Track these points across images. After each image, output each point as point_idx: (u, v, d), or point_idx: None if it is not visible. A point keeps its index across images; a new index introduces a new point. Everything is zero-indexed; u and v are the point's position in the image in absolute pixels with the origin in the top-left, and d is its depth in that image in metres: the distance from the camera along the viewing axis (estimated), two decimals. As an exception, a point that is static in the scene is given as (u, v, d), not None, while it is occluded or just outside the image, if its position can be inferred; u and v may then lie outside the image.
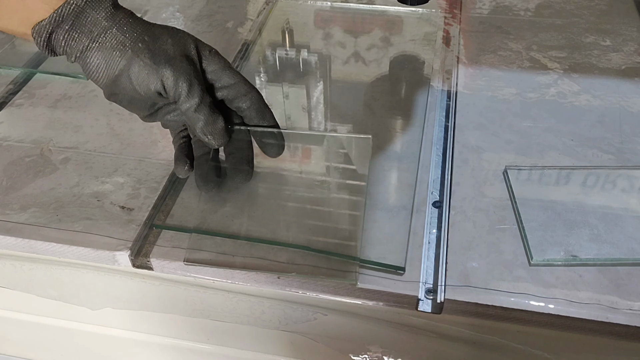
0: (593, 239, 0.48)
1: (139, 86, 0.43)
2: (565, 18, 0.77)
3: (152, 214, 0.52)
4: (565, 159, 0.56)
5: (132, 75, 0.43)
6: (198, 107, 0.44)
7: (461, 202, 0.52)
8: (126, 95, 0.45)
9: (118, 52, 0.43)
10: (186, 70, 0.43)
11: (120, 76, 0.43)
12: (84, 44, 0.42)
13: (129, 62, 0.43)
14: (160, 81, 0.43)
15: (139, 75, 0.43)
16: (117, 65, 0.43)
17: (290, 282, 0.47)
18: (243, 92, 0.47)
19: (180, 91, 0.43)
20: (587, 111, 0.61)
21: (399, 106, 0.64)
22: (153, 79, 0.43)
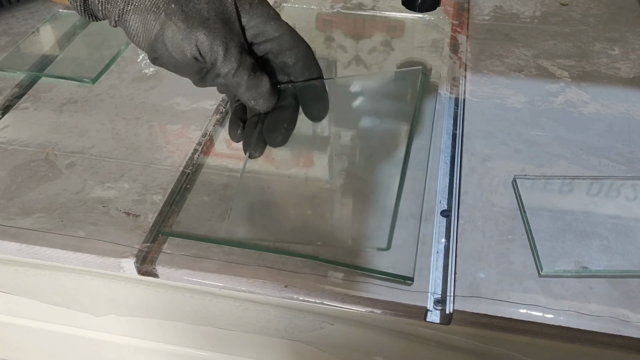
0: (603, 250, 0.48)
1: (175, 52, 0.41)
2: (572, 26, 0.76)
3: (158, 220, 0.52)
4: (574, 169, 0.55)
5: (167, 41, 0.40)
6: (237, 71, 0.41)
7: (470, 211, 0.52)
8: (168, 60, 0.42)
9: (152, 14, 0.40)
10: (221, 31, 0.40)
11: (157, 42, 0.41)
12: (120, 7, 0.40)
13: (162, 26, 0.40)
14: (195, 46, 0.40)
15: (174, 40, 0.40)
16: (152, 30, 0.40)
17: (298, 290, 0.46)
18: (288, 45, 0.43)
19: (216, 55, 0.40)
20: (596, 120, 0.61)
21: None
22: (187, 44, 0.40)
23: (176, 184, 0.55)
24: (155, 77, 0.69)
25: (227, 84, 0.43)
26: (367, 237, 0.49)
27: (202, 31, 0.39)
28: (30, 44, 0.75)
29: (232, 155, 0.58)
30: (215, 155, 0.58)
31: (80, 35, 0.76)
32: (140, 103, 0.65)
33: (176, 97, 0.66)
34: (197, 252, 0.49)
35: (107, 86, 0.68)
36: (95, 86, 0.68)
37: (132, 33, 0.41)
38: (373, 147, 0.55)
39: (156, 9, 0.40)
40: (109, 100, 0.66)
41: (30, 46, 0.75)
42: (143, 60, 0.72)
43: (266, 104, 0.43)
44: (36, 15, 0.82)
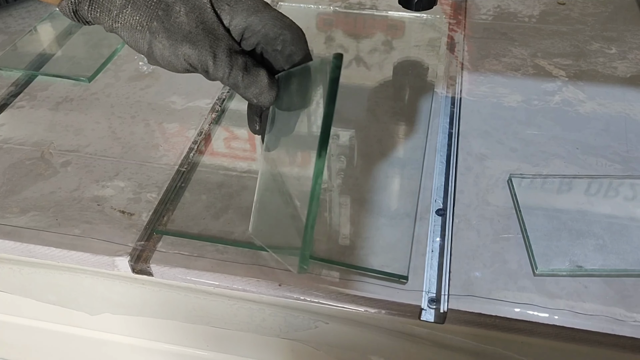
0: (598, 249, 0.47)
1: (167, 67, 0.41)
2: (570, 25, 0.76)
3: (153, 219, 0.51)
4: (570, 168, 0.55)
5: (157, 58, 0.41)
6: (230, 74, 0.40)
7: (465, 210, 0.52)
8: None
9: (139, 33, 0.40)
10: (206, 41, 0.40)
11: (149, 56, 0.41)
12: (109, 23, 0.41)
13: (149, 44, 0.40)
14: (184, 60, 0.40)
15: (162, 57, 0.41)
16: (142, 46, 0.41)
17: (292, 289, 0.46)
18: (273, 34, 0.41)
19: (206, 65, 0.40)
20: (592, 119, 0.61)
21: (403, 112, 0.63)
22: (175, 59, 0.40)
23: (171, 183, 0.55)
24: (151, 76, 0.69)
25: (228, 87, 0.43)
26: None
27: (187, 45, 0.39)
28: (27, 42, 0.75)
29: (228, 154, 0.58)
30: (211, 154, 0.58)
31: (77, 34, 0.76)
32: (136, 102, 0.65)
33: (172, 96, 0.66)
34: (191, 251, 0.48)
35: (103, 85, 0.68)
36: (91, 85, 0.68)
37: (127, 43, 0.42)
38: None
39: (141, 28, 0.40)
40: (105, 99, 0.66)
41: (26, 45, 0.75)
42: (139, 60, 0.72)
43: (267, 98, 0.41)
44: (33, 14, 0.82)
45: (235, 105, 0.64)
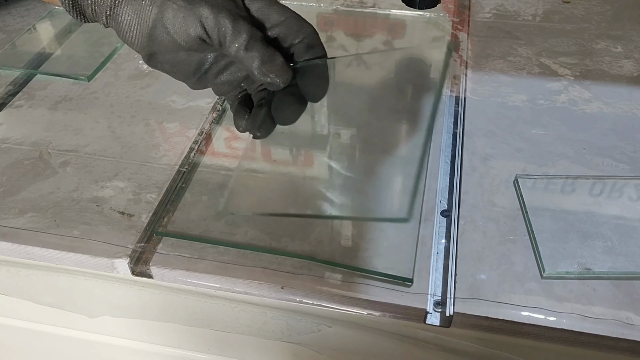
0: (607, 251, 0.46)
1: (178, 34, 0.37)
2: (575, 24, 0.75)
3: (153, 220, 0.51)
4: (577, 168, 0.54)
5: (168, 23, 0.37)
6: (248, 44, 0.37)
7: (470, 211, 0.51)
8: (167, 54, 0.39)
9: (147, 0, 0.37)
10: (225, 5, 0.37)
11: (155, 28, 0.38)
12: (111, 0, 0.38)
13: (160, 8, 0.37)
14: (200, 22, 0.37)
15: (175, 21, 0.37)
16: (149, 16, 0.37)
17: (295, 292, 0.45)
18: (296, 27, 0.40)
19: (224, 29, 0.37)
20: (599, 119, 0.60)
21: (406, 111, 0.62)
22: (191, 21, 0.37)
23: (171, 183, 0.54)
24: (151, 75, 0.68)
25: (240, 62, 0.39)
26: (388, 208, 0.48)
27: (205, 6, 0.36)
28: (26, 41, 0.74)
29: (229, 154, 0.57)
30: (212, 154, 0.57)
31: (76, 33, 0.75)
32: (136, 101, 0.64)
33: (172, 95, 0.65)
34: (192, 253, 0.48)
35: (103, 84, 0.67)
36: (91, 84, 0.67)
37: (125, 28, 0.39)
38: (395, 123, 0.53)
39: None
40: (105, 98, 0.65)
41: (25, 43, 0.74)
42: (140, 58, 0.71)
43: (284, 76, 0.39)
44: (32, 12, 0.81)
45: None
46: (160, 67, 0.41)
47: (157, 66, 0.41)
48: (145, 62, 0.41)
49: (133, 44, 0.40)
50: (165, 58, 0.40)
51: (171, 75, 0.42)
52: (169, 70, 0.41)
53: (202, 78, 0.42)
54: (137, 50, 0.40)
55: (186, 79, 0.42)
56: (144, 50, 0.40)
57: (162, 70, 0.41)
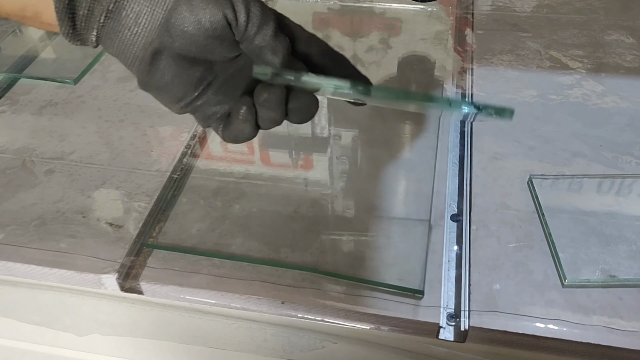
0: (632, 256, 0.43)
1: (203, 12, 0.33)
2: (584, 14, 0.72)
3: (143, 231, 0.47)
4: (594, 167, 0.51)
5: (195, 4, 0.33)
6: (276, 31, 0.34)
7: (483, 215, 0.47)
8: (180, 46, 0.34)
9: None
10: None
11: (176, 9, 0.34)
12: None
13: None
14: (230, 2, 0.34)
15: (202, 3, 0.33)
16: (167, 2, 0.33)
17: (296, 307, 0.42)
18: (306, 35, 0.37)
19: (253, 11, 0.34)
20: (615, 114, 0.57)
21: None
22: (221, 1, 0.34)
23: (163, 191, 0.51)
24: (141, 77, 0.65)
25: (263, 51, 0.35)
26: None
27: None
28: (10, 44, 0.71)
29: (225, 158, 0.54)
30: (206, 158, 0.54)
31: (63, 34, 0.72)
32: (125, 104, 0.61)
33: (163, 97, 0.61)
34: (185, 266, 0.44)
35: (90, 87, 0.63)
36: (77, 87, 0.63)
37: (130, 23, 0.33)
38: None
39: None
40: (92, 102, 0.61)
41: (9, 46, 0.71)
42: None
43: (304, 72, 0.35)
44: (17, 14, 0.77)
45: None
46: (158, 77, 0.35)
47: (152, 83, 0.35)
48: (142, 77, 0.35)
49: (134, 44, 0.34)
50: (174, 55, 0.35)
51: (167, 91, 0.35)
52: (168, 82, 0.35)
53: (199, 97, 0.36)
54: (136, 54, 0.34)
55: (184, 95, 0.36)
56: (151, 46, 0.34)
57: (157, 85, 0.35)
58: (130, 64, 0.34)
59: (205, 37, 0.34)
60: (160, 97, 0.35)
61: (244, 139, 0.36)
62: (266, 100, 0.35)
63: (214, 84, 0.36)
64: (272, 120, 0.36)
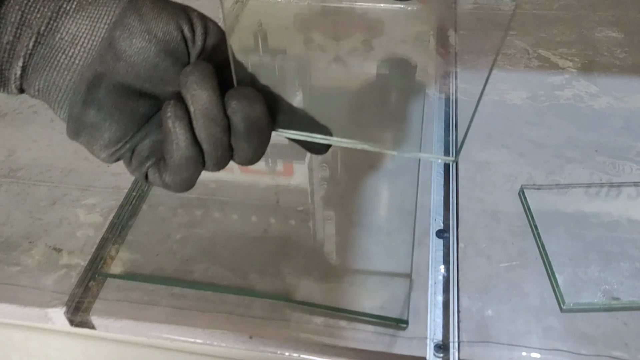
0: (635, 275, 0.39)
1: (156, 24, 0.29)
2: (572, 11, 0.68)
3: (96, 257, 0.42)
4: (589, 174, 0.47)
5: (144, 10, 0.29)
6: (232, 52, 0.31)
7: (471, 231, 0.43)
8: (125, 65, 0.29)
9: (112, 1, 0.29)
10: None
11: (122, 21, 0.29)
12: (51, 10, 0.28)
13: (133, 0, 0.29)
14: (184, 11, 0.30)
15: (154, 7, 0.29)
16: (109, 18, 0.29)
17: (266, 342, 0.37)
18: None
19: (211, 29, 0.30)
20: (609, 116, 0.53)
21: (391, 118, 0.55)
22: (175, 9, 0.30)
23: (119, 210, 0.46)
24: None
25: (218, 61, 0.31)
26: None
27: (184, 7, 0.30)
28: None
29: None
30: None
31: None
32: (81, 114, 0.56)
33: (123, 106, 0.57)
34: (141, 297, 0.40)
35: (44, 96, 0.58)
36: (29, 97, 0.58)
37: (65, 46, 0.28)
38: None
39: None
40: (45, 112, 0.56)
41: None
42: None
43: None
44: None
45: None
46: (95, 110, 0.29)
47: (92, 107, 0.29)
48: (76, 105, 0.29)
49: (70, 69, 0.29)
50: (116, 83, 0.29)
51: (104, 129, 0.29)
52: (107, 117, 0.29)
53: (142, 134, 0.30)
54: (70, 84, 0.28)
55: (124, 134, 0.29)
56: (90, 70, 0.29)
57: (94, 120, 0.29)
58: (61, 99, 0.28)
59: (157, 53, 0.29)
60: (94, 138, 0.29)
61: (191, 168, 0.29)
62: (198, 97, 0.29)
63: (156, 119, 0.30)
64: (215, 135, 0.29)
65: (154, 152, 0.30)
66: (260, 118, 0.30)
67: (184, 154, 0.29)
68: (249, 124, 0.29)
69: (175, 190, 0.30)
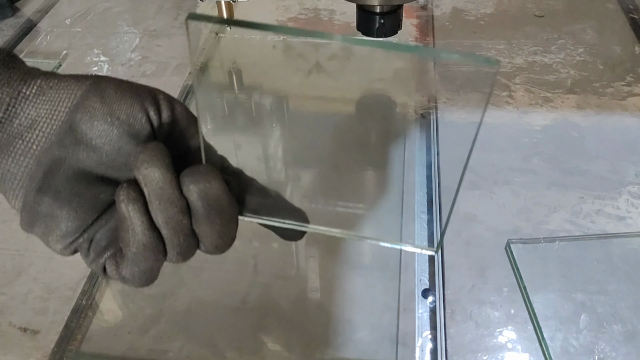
0: (628, 339, 0.38)
1: (119, 106, 0.28)
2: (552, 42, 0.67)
3: (64, 336, 0.40)
4: (577, 223, 0.46)
5: (107, 92, 0.28)
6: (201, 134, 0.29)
7: (458, 292, 0.42)
8: (85, 148, 0.27)
9: (74, 82, 0.28)
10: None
11: (83, 103, 0.27)
12: (11, 96, 0.27)
13: (95, 80, 0.28)
14: (149, 93, 0.29)
15: (118, 89, 0.28)
16: (71, 99, 0.27)
17: None
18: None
19: (178, 111, 0.29)
20: (595, 158, 0.52)
21: (370, 162, 0.53)
22: (141, 91, 0.29)
23: (88, 281, 0.43)
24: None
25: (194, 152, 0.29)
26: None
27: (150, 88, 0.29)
28: None
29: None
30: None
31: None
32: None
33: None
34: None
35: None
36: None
37: (23, 131, 0.26)
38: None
39: (77, 82, 0.28)
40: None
41: None
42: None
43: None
44: None
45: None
46: (52, 198, 0.27)
47: (47, 195, 0.26)
48: (32, 192, 0.26)
49: (27, 155, 0.26)
50: (75, 169, 0.27)
51: (61, 219, 0.26)
52: (64, 204, 0.27)
53: (101, 224, 0.27)
54: (27, 170, 0.26)
55: (82, 223, 0.27)
56: (48, 155, 0.27)
57: (50, 209, 0.26)
58: (17, 187, 0.26)
59: (120, 136, 0.27)
60: (49, 229, 0.26)
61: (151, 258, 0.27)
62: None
63: (113, 208, 0.27)
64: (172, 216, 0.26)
65: (113, 243, 0.27)
66: (220, 196, 0.27)
67: (141, 241, 0.26)
68: (207, 203, 0.27)
69: (134, 284, 0.28)
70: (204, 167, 0.27)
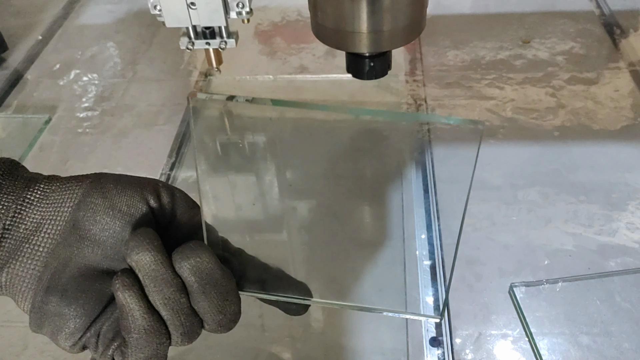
0: (637, 384, 0.38)
1: (119, 198, 0.29)
2: (541, 69, 0.68)
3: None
4: (579, 264, 0.46)
5: (108, 188, 0.29)
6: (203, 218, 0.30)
7: (466, 341, 0.42)
8: (82, 268, 0.28)
9: (74, 183, 0.29)
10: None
11: (83, 203, 0.28)
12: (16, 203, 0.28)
13: (96, 177, 0.29)
14: (149, 184, 0.29)
15: (119, 182, 0.29)
16: (73, 198, 0.28)
17: None
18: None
19: (179, 197, 0.30)
20: (589, 191, 0.52)
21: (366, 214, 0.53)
22: (142, 183, 0.30)
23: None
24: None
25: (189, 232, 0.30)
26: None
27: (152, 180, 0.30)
28: None
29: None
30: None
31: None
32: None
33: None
34: None
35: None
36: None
37: (29, 235, 0.27)
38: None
39: (77, 182, 0.29)
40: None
41: None
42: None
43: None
44: None
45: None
46: (59, 297, 0.27)
47: (55, 295, 0.27)
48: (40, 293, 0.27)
49: (34, 258, 0.27)
50: (81, 267, 0.28)
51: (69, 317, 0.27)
52: (71, 302, 0.27)
53: (108, 316, 0.28)
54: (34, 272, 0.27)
55: (89, 318, 0.27)
56: (53, 256, 0.28)
57: (58, 307, 0.27)
58: (25, 289, 0.27)
59: (122, 227, 0.28)
60: (58, 328, 0.27)
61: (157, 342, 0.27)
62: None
63: (114, 304, 0.28)
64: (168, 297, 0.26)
65: (119, 333, 0.27)
66: (211, 268, 0.27)
67: (141, 325, 0.26)
68: (200, 277, 0.27)
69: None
70: (194, 243, 0.28)
